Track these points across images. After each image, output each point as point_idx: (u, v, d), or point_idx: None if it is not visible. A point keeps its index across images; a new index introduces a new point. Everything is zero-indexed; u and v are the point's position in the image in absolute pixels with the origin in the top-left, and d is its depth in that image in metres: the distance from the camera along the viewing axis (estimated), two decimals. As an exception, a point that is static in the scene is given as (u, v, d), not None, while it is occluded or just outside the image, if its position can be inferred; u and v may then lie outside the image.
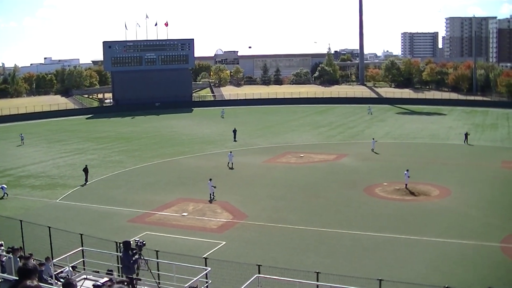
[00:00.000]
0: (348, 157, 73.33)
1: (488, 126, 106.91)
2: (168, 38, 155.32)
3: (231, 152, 69.34)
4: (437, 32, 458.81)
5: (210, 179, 53.26)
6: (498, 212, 46.73)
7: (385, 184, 57.46)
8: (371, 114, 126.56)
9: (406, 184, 55.11)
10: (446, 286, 27.50)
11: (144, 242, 20.92)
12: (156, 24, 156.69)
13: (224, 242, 39.12)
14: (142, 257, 20.76)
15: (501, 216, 45.37)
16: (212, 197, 51.56)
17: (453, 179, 59.68)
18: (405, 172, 55.71)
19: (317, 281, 28.47)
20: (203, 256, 32.53)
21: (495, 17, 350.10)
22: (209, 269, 28.87)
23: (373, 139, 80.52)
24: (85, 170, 60.97)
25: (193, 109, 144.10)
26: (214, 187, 52.03)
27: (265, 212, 47.52)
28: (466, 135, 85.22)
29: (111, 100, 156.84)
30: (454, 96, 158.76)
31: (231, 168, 66.06)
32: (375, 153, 75.42)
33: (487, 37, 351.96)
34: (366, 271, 32.83)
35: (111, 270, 23.91)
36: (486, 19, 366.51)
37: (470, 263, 35.33)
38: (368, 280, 28.94)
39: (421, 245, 38.73)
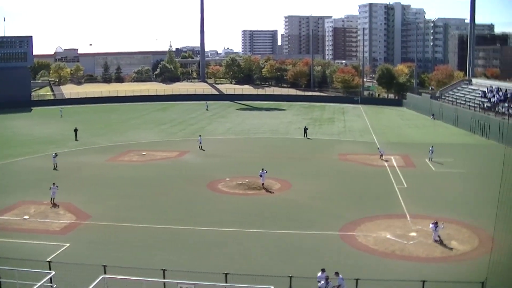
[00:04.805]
0: (190, 154, 74.34)
1: (326, 120, 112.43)
2: (5, 35, 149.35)
3: (55, 153, 67.68)
4: (277, 30, 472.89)
5: (54, 183, 51.39)
6: (336, 202, 49.69)
7: (227, 179, 58.86)
8: (208, 110, 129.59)
9: (263, 184, 55.50)
10: (290, 275, 29.10)
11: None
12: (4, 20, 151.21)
13: (68, 244, 38.45)
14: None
15: (339, 206, 48.27)
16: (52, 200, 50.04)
17: (294, 172, 62.38)
18: (261, 171, 56.04)
19: (164, 278, 29.04)
20: (47, 260, 32.07)
21: (331, 17, 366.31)
22: (53, 272, 28.57)
23: (199, 136, 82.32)
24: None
25: (32, 109, 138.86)
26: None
27: (109, 211, 47.16)
28: (305, 129, 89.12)
29: None
30: (293, 91, 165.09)
31: (56, 169, 64.56)
32: (202, 149, 77.19)
33: (324, 36, 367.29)
34: (213, 265, 33.65)
35: None
36: (322, 18, 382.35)
37: (312, 251, 37.20)
38: (214, 274, 29.84)
39: (265, 238, 40.23)
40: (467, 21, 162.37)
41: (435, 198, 50.83)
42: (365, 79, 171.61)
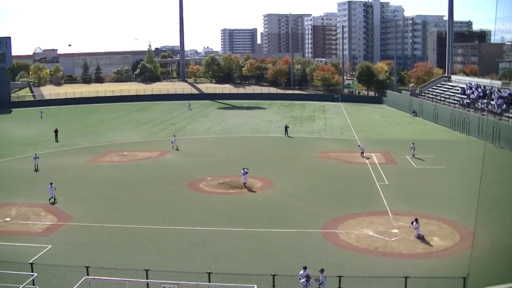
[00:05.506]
0: (171, 154, 74.21)
1: (306, 118, 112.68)
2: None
3: (35, 155, 67.11)
4: (256, 29, 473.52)
5: (51, 183, 51.22)
6: (318, 201, 49.73)
7: (209, 178, 58.83)
8: (191, 110, 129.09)
9: (245, 183, 55.53)
10: (273, 274, 29.18)
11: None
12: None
13: (50, 246, 38.21)
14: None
15: (321, 205, 48.29)
16: (54, 199, 49.86)
17: (275, 170, 62.48)
18: (242, 170, 56.03)
19: (147, 278, 29.03)
20: (29, 262, 31.87)
21: (310, 15, 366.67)
22: (36, 274, 28.48)
23: (174, 135, 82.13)
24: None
25: (12, 110, 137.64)
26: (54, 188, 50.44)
27: (90, 212, 46.96)
28: (286, 127, 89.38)
29: None
30: (273, 90, 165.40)
31: (37, 171, 64.01)
32: (177, 149, 77.10)
33: (303, 34, 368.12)
34: (195, 265, 33.68)
35: None
36: (301, 16, 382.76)
37: (294, 250, 37.26)
38: (197, 274, 29.86)
39: (247, 237, 40.23)
40: (446, 18, 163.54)
41: (417, 195, 51.17)
42: (345, 77, 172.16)
